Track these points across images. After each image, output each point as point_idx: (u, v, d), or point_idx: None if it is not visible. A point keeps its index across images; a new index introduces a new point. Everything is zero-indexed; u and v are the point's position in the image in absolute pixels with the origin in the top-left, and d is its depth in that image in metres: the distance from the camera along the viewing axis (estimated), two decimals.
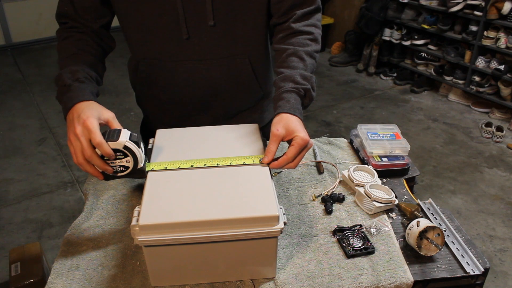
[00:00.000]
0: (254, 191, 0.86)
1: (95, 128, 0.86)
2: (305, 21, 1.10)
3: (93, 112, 0.89)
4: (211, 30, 1.08)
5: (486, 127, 3.36)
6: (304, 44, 1.07)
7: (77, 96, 0.94)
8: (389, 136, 1.28)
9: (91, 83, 1.00)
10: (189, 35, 1.07)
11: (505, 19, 3.34)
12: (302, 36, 1.08)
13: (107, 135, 0.87)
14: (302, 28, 1.08)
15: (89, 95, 0.95)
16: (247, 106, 1.28)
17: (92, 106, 0.92)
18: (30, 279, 1.64)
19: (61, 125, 3.44)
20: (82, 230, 1.03)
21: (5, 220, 2.48)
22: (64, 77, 0.98)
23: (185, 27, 1.06)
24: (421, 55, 4.08)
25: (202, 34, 1.08)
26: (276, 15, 1.11)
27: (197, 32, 1.08)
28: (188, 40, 1.08)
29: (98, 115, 0.90)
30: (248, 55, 1.15)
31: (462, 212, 2.57)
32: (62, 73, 0.99)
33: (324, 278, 0.90)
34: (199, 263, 0.86)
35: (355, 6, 4.51)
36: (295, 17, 1.09)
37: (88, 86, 0.98)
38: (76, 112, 0.90)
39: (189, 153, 0.98)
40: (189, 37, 1.08)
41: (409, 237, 0.97)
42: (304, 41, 1.07)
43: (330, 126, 3.50)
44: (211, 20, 1.06)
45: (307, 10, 1.10)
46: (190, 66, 1.13)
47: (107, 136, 0.87)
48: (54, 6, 1.11)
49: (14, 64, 4.60)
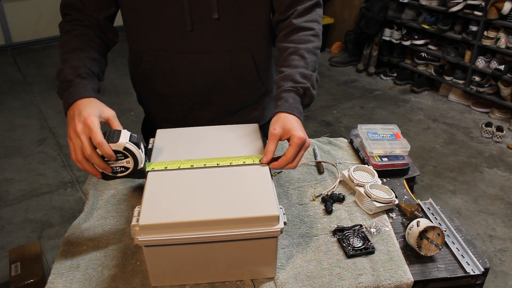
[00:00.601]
0: (254, 191, 0.86)
1: (96, 127, 0.86)
2: (306, 16, 1.10)
3: (94, 109, 0.89)
4: (215, 23, 1.09)
5: (486, 127, 3.36)
6: (306, 41, 1.07)
7: (78, 92, 0.93)
8: (389, 136, 1.28)
9: (92, 79, 1.00)
10: (193, 27, 1.08)
11: (505, 19, 3.34)
12: (304, 32, 1.09)
13: (107, 136, 0.87)
14: (303, 24, 1.09)
15: (90, 91, 0.95)
16: (249, 102, 1.28)
17: (93, 104, 0.91)
18: (30, 279, 1.64)
19: (61, 125, 3.44)
20: (82, 230, 1.03)
21: (5, 220, 2.48)
22: (65, 72, 0.97)
23: (189, 19, 1.06)
24: (421, 55, 4.08)
25: (206, 27, 1.09)
26: (278, 11, 1.12)
27: (201, 24, 1.08)
28: (192, 32, 1.09)
29: (99, 113, 0.89)
30: (251, 50, 1.16)
31: (462, 212, 2.57)
32: (63, 68, 0.99)
33: (324, 278, 0.90)
34: (199, 263, 0.86)
35: (355, 6, 4.51)
36: (296, 13, 1.09)
37: (89, 82, 0.97)
38: (77, 109, 0.90)
39: (189, 153, 0.98)
40: (193, 29, 1.08)
41: (409, 237, 0.97)
42: (305, 38, 1.08)
43: (330, 126, 3.50)
44: (215, 13, 1.06)
45: (308, 5, 1.10)
46: (193, 59, 1.13)
47: (107, 137, 0.87)
48: (54, 6, 1.12)
49: (14, 64, 4.60)
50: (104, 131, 0.88)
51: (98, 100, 0.94)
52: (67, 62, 1.00)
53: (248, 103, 1.28)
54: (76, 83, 0.95)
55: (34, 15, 4.94)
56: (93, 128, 0.85)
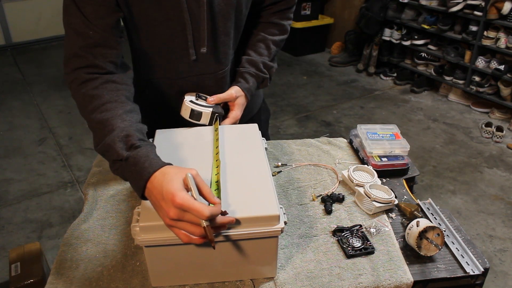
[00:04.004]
0: (255, 190, 0.86)
1: (191, 202, 0.71)
2: (280, 14, 1.23)
3: (174, 183, 0.74)
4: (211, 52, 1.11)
5: (486, 127, 3.36)
6: (273, 34, 1.22)
7: (143, 170, 0.78)
8: (389, 136, 1.28)
9: (147, 143, 0.85)
10: (197, 57, 1.09)
11: (505, 19, 3.34)
12: (274, 28, 1.23)
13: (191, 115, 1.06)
14: (275, 21, 1.22)
15: (156, 161, 0.79)
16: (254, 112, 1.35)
17: (169, 175, 0.76)
18: (30, 279, 1.64)
19: (61, 125, 3.44)
20: (82, 230, 1.03)
21: (5, 220, 2.48)
22: (115, 149, 0.82)
23: (193, 50, 1.07)
24: (421, 55, 4.08)
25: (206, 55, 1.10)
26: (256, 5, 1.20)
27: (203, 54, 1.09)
28: (195, 61, 1.10)
29: (182, 183, 0.75)
30: None
31: (462, 212, 2.57)
32: (110, 143, 0.83)
33: (324, 278, 0.90)
34: (199, 263, 0.87)
35: (355, 6, 4.51)
36: (271, 11, 1.22)
37: (147, 149, 0.82)
38: (156, 191, 0.75)
39: (188, 153, 0.98)
40: (197, 59, 1.09)
41: (408, 237, 0.97)
42: (273, 31, 1.23)
43: (330, 126, 3.50)
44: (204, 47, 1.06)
45: (285, 7, 1.22)
46: (198, 81, 1.14)
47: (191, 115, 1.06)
48: (54, 6, 1.11)
49: (14, 64, 4.61)
50: None
51: (169, 165, 0.80)
52: (106, 129, 0.85)
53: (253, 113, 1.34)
54: (134, 159, 0.80)
55: (34, 15, 4.94)
56: (189, 205, 0.71)
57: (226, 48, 1.12)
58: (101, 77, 0.94)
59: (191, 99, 1.10)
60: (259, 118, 1.37)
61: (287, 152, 1.32)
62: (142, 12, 0.99)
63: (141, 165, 0.78)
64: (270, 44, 1.21)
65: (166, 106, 1.19)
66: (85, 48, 0.93)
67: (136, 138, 0.84)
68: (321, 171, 1.24)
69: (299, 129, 3.45)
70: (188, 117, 1.08)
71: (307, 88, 4.15)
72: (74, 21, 0.92)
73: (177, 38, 1.05)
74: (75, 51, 0.93)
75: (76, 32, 0.93)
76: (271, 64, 1.21)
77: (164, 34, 1.04)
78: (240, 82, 1.16)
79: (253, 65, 1.18)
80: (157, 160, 0.80)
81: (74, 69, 0.94)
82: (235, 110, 1.14)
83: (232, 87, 1.15)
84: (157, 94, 1.17)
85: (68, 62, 0.95)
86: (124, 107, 0.90)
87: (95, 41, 0.93)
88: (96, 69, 0.94)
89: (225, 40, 1.10)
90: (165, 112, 1.20)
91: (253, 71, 1.17)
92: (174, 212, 0.72)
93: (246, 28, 1.18)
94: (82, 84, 0.93)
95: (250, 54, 1.20)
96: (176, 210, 0.72)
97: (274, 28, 1.23)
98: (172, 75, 1.13)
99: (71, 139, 3.25)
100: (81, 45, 0.93)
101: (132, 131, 0.84)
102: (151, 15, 1.00)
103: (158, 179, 0.76)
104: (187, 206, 0.71)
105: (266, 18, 1.23)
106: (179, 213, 0.72)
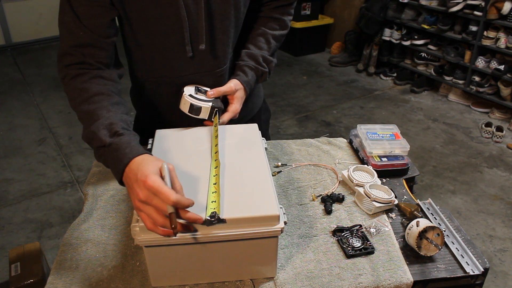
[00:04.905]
0: (254, 190, 0.86)
1: (161, 185, 0.73)
2: (280, 10, 1.23)
3: (150, 167, 0.77)
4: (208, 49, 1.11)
5: (486, 127, 3.36)
6: (274, 28, 1.22)
7: (124, 155, 0.82)
8: (389, 136, 1.28)
9: (129, 132, 0.89)
10: (193, 54, 1.08)
11: (505, 19, 3.34)
12: (274, 22, 1.22)
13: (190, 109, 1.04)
14: (276, 16, 1.22)
15: (137, 148, 0.83)
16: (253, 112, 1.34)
17: (146, 161, 0.79)
18: (30, 279, 1.64)
19: (61, 125, 3.44)
20: (82, 230, 1.03)
21: (5, 220, 2.48)
22: (99, 136, 0.86)
23: (189, 46, 1.06)
24: (421, 55, 4.08)
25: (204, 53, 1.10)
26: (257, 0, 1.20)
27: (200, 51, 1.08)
28: (192, 58, 1.09)
29: (158, 169, 0.78)
30: None
31: (462, 212, 2.57)
32: (93, 129, 0.87)
33: (323, 278, 0.90)
34: (199, 263, 0.87)
35: (355, 6, 4.51)
36: (271, 7, 1.22)
37: (129, 137, 0.86)
38: (132, 174, 0.79)
39: (188, 153, 0.98)
40: (194, 55, 1.09)
41: (408, 237, 0.97)
42: (274, 26, 1.22)
43: (330, 126, 3.50)
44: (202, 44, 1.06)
45: (286, 3, 1.22)
46: (195, 78, 1.14)
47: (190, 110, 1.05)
48: (54, 6, 1.11)
49: (14, 64, 4.61)
50: None
51: (149, 154, 0.83)
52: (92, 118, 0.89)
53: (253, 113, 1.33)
54: (116, 145, 0.84)
55: (34, 15, 4.94)
56: (158, 188, 0.72)
57: (224, 46, 1.11)
58: (90, 72, 0.99)
59: (190, 92, 1.09)
60: (259, 118, 1.37)
61: (287, 152, 1.32)
62: (138, 10, 1.00)
63: (122, 151, 0.82)
64: (270, 38, 1.20)
65: (164, 105, 1.19)
66: (75, 47, 0.98)
67: (120, 126, 0.88)
68: (321, 171, 1.24)
69: (299, 129, 3.45)
70: (187, 112, 1.08)
71: (307, 88, 4.15)
72: (67, 20, 0.97)
73: (174, 35, 1.04)
74: (66, 49, 0.98)
75: (68, 31, 0.97)
76: (270, 58, 1.21)
77: (160, 32, 1.04)
78: (239, 75, 1.15)
79: (252, 59, 1.17)
80: (138, 148, 0.84)
81: (65, 66, 0.99)
82: (234, 103, 1.13)
83: (231, 80, 1.14)
84: (155, 93, 1.17)
85: (61, 59, 1.00)
86: (111, 100, 0.94)
87: (85, 41, 0.98)
88: (85, 65, 0.99)
89: (223, 38, 1.10)
90: (163, 110, 1.20)
91: (253, 64, 1.17)
92: (144, 194, 0.74)
93: (246, 23, 1.18)
94: (72, 78, 0.98)
95: (250, 47, 1.19)
96: (146, 192, 0.74)
97: (274, 23, 1.22)
98: (169, 73, 1.12)
99: (71, 139, 3.25)
100: (72, 44, 0.98)
101: (116, 120, 0.89)
102: (147, 13, 1.00)
103: (136, 163, 0.80)
104: (156, 189, 0.73)
105: (266, 13, 1.22)
106: (148, 195, 0.74)
